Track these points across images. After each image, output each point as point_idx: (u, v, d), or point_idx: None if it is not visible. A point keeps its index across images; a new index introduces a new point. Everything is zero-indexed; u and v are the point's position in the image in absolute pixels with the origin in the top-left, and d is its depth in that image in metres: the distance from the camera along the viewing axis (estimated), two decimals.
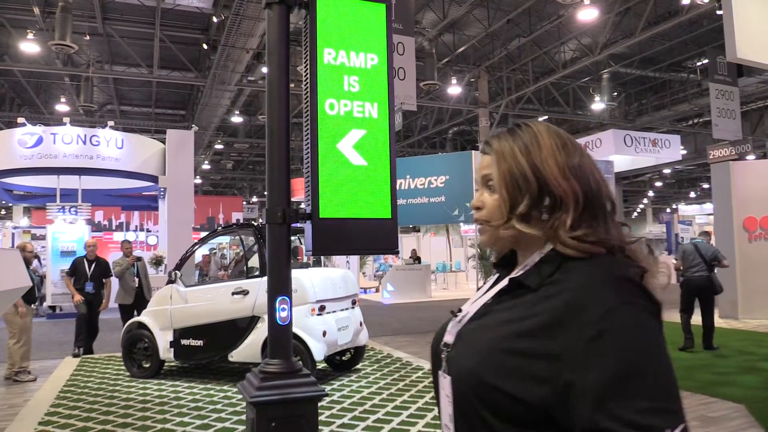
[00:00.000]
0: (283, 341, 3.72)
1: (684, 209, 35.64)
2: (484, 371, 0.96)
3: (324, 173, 3.71)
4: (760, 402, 5.62)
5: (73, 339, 8.72)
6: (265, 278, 6.29)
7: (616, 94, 22.28)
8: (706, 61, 19.29)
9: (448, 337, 1.09)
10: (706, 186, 35.97)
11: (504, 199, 1.07)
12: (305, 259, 8.19)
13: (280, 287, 3.70)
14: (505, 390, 0.93)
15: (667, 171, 29.60)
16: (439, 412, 1.13)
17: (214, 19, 16.67)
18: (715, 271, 8.33)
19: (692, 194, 38.19)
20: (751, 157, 15.90)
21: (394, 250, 4.04)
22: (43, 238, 15.51)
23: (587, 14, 15.44)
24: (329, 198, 3.71)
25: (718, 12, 13.77)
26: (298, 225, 3.98)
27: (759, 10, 11.05)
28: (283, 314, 3.70)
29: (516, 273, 1.08)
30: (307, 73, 3.81)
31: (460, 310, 1.13)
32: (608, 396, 0.85)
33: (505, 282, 1.08)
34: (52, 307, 13.92)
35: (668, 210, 41.07)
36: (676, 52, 19.86)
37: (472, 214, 1.22)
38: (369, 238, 3.86)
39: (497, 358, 0.96)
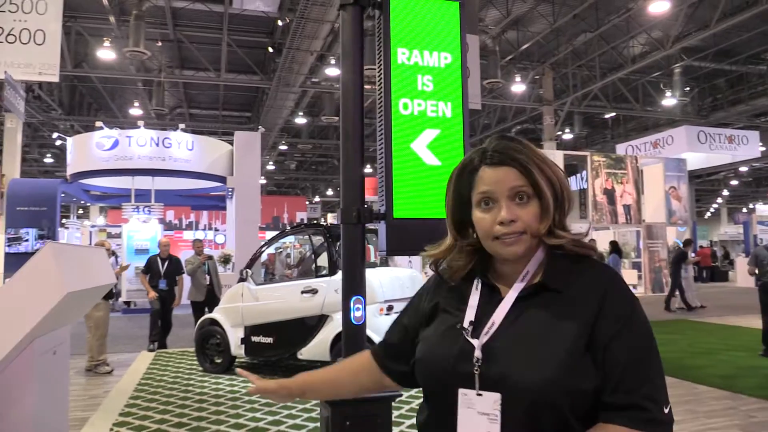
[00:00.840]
0: (358, 340, 3.73)
1: (762, 209, 33.82)
2: (563, 379, 1.01)
3: (398, 173, 3.70)
4: None
5: (147, 334, 9.07)
6: (334, 277, 6.40)
7: (688, 89, 21.37)
8: None
9: (477, 352, 1.08)
10: None
11: (546, 208, 1.12)
12: (373, 259, 8.24)
13: (355, 287, 3.72)
14: (584, 389, 1.02)
15: (743, 169, 28.15)
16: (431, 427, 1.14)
17: (279, 23, 16.99)
18: None
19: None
20: None
21: None
22: (118, 236, 16.21)
23: (658, 6, 14.88)
24: (403, 198, 3.70)
25: None
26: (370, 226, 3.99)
27: None
28: (358, 314, 3.72)
29: (525, 279, 1.13)
30: (380, 73, 3.80)
31: (463, 325, 1.13)
32: (629, 375, 1.03)
33: (516, 289, 1.12)
34: (127, 303, 14.54)
35: (744, 210, 39.12)
36: (754, 44, 18.87)
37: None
38: (442, 237, 3.82)
39: (570, 362, 1.03)
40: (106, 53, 15.65)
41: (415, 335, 1.27)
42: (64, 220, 21.50)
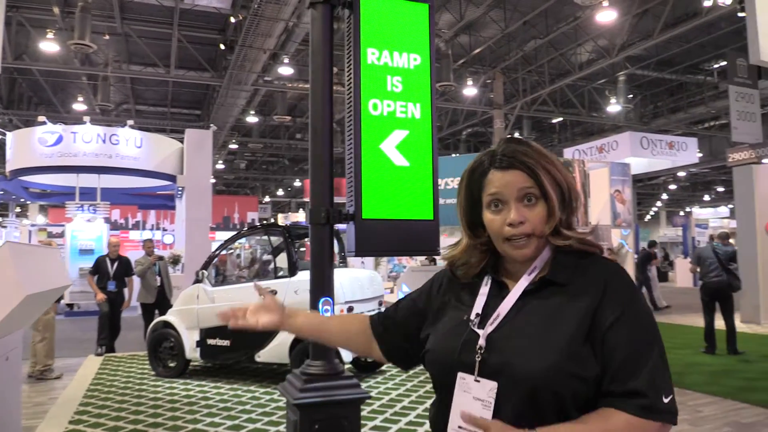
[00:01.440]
0: None
1: (698, 212, 35.40)
2: (564, 365, 1.04)
3: (367, 174, 3.68)
4: None
5: (92, 337, 8.73)
6: (294, 278, 6.32)
7: (632, 96, 22.15)
8: (723, 63, 19.18)
9: (481, 341, 1.12)
10: (720, 189, 35.73)
11: (555, 209, 1.15)
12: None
13: (323, 287, 3.68)
14: (584, 376, 1.05)
15: (681, 174, 29.40)
16: (438, 418, 1.16)
17: (232, 20, 16.68)
18: (738, 269, 8.37)
19: (706, 197, 37.93)
20: (766, 160, 15.77)
21: (435, 251, 4.01)
22: (59, 236, 15.58)
23: (606, 16, 15.35)
24: (372, 199, 3.68)
25: (740, 14, 13.66)
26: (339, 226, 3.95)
27: None
28: (327, 315, 3.68)
29: (531, 275, 1.16)
30: (350, 73, 3.78)
31: (470, 317, 1.18)
32: (631, 363, 1.05)
33: (523, 283, 1.16)
34: (70, 305, 13.98)
35: (681, 213, 40.81)
36: (693, 55, 19.72)
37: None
38: (411, 239, 3.84)
39: (570, 350, 1.06)
40: (49, 45, 15.03)
41: (420, 317, 1.33)
42: (1, 219, 20.51)
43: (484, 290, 1.21)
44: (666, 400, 1.05)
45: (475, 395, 1.08)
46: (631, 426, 1.03)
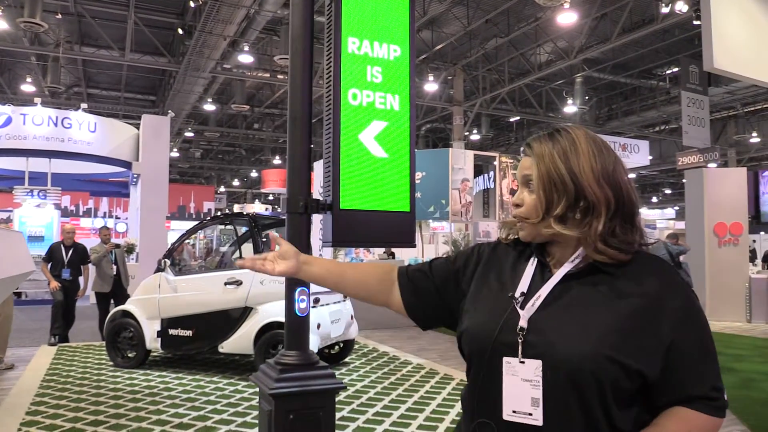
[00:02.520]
0: (301, 332, 3.69)
1: (645, 213, 36.57)
2: (605, 350, 1.04)
3: (345, 164, 3.67)
4: (740, 400, 5.81)
5: (43, 326, 8.44)
6: None
7: (588, 98, 22.70)
8: (675, 69, 19.86)
9: (522, 322, 1.12)
10: (668, 191, 37.01)
11: (540, 199, 1.15)
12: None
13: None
14: (626, 364, 1.04)
15: (632, 176, 30.22)
16: (475, 399, 1.16)
17: (192, 4, 16.30)
18: (687, 267, 8.72)
19: (654, 199, 39.22)
20: (712, 165, 16.42)
21: (411, 243, 4.04)
22: (4, 221, 14.95)
23: (567, 18, 15.66)
24: (349, 189, 3.68)
25: (695, 22, 14.13)
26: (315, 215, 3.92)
27: (736, 21, 11.39)
28: (302, 305, 3.67)
29: (575, 261, 1.15)
30: (330, 62, 3.76)
31: (515, 296, 1.18)
32: (705, 365, 1.09)
33: (566, 268, 1.16)
34: (18, 294, 13.44)
35: None
36: (647, 60, 20.33)
37: (448, 211, 1.29)
38: (387, 230, 3.85)
39: (615, 337, 1.05)
40: None
41: (453, 278, 1.33)
42: None
43: (530, 270, 1.21)
44: (726, 398, 1.11)
45: (522, 377, 1.09)
46: (709, 426, 1.08)
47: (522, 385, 1.09)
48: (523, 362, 1.09)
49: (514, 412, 1.09)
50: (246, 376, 6.30)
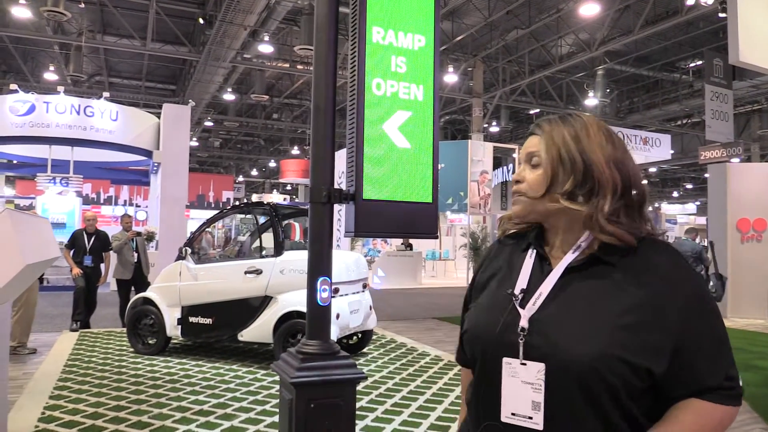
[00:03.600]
0: (323, 322, 3.68)
1: (666, 208, 36.17)
2: (614, 350, 1.00)
3: (368, 154, 3.66)
4: (762, 398, 5.73)
5: (64, 312, 8.55)
6: (279, 258, 6.27)
7: (609, 90, 22.44)
8: (699, 62, 19.54)
9: (523, 322, 1.09)
10: (689, 186, 36.53)
11: (547, 175, 1.14)
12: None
13: (322, 267, 3.65)
14: (635, 363, 1.01)
15: (652, 170, 29.95)
16: (479, 402, 1.13)
17: None
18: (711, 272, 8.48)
19: (675, 194, 38.76)
20: (735, 159, 16.18)
21: (434, 234, 4.02)
22: (27, 209, 15.16)
23: (589, 9, 15.48)
24: (373, 179, 3.66)
25: (721, 14, 13.89)
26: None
27: (763, 14, 11.18)
28: (324, 295, 3.66)
29: (576, 253, 1.13)
30: (354, 52, 3.73)
31: (514, 292, 1.15)
32: (719, 354, 1.06)
33: (566, 260, 1.12)
34: (40, 280, 13.63)
35: (650, 209, 41.65)
36: (670, 53, 20.04)
37: (466, 203, 1.26)
38: (410, 221, 3.83)
39: (622, 335, 1.02)
40: (21, 11, 14.55)
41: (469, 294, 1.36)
42: None
43: (528, 263, 1.19)
44: (741, 384, 1.08)
45: (523, 379, 1.06)
46: (725, 415, 1.06)
47: (522, 388, 1.06)
48: (524, 364, 1.07)
49: (513, 414, 1.07)
50: (265, 364, 6.34)
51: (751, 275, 11.20)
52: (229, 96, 23.20)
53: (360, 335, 7.17)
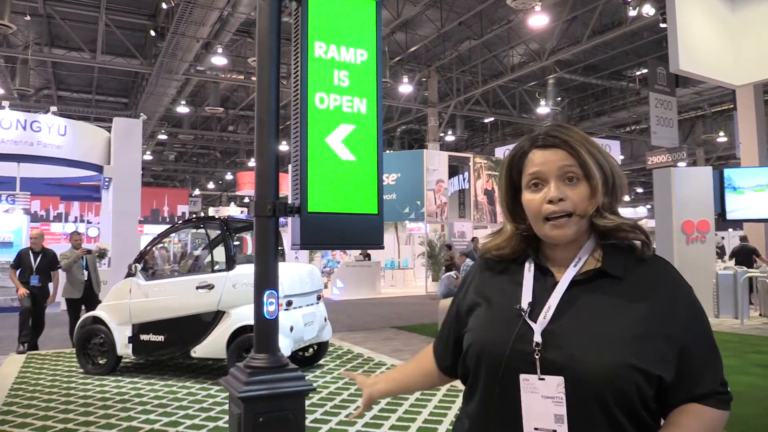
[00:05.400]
0: (270, 335, 3.69)
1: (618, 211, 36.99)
2: (628, 359, 1.03)
3: (313, 167, 3.70)
4: None
5: (12, 334, 8.28)
6: (231, 272, 6.23)
7: (560, 99, 22.99)
8: (645, 71, 20.21)
9: (537, 337, 1.07)
10: (640, 190, 37.60)
11: (595, 189, 1.11)
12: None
13: (268, 281, 3.66)
14: (648, 371, 1.03)
15: None
16: (488, 418, 1.11)
17: (164, 5, 16.17)
18: None
19: (626, 198, 39.76)
20: (681, 164, 16.76)
21: (380, 245, 4.07)
22: None
23: (538, 20, 15.86)
24: (317, 192, 3.70)
25: (662, 25, 14.44)
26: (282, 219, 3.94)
27: (701, 25, 11.66)
28: (271, 308, 3.66)
29: (577, 266, 1.13)
30: (297, 66, 3.78)
31: (522, 306, 1.12)
32: (714, 360, 1.12)
33: (570, 274, 1.12)
34: None
35: None
36: (617, 62, 20.69)
37: (423, 212, 1.30)
38: (356, 233, 3.88)
39: (634, 345, 1.04)
40: None
41: (460, 322, 1.28)
42: None
43: (529, 276, 1.16)
44: (729, 389, 1.15)
45: (543, 394, 1.05)
46: (721, 420, 1.12)
47: (543, 402, 1.05)
48: (542, 379, 1.05)
49: (536, 429, 1.06)
50: (219, 380, 6.27)
51: (697, 275, 11.60)
52: (183, 108, 22.90)
53: (315, 347, 7.15)
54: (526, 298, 1.13)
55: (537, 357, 1.06)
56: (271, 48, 3.76)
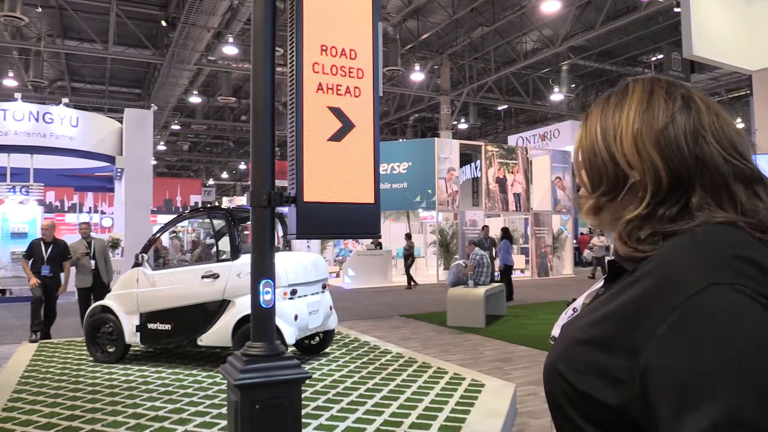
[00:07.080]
0: (267, 324, 3.72)
1: None
2: (561, 366, 0.80)
3: (309, 157, 3.70)
4: None
5: (26, 323, 8.43)
6: (236, 262, 6.28)
7: (574, 86, 22.75)
8: (660, 56, 19.91)
9: (555, 330, 0.99)
10: None
11: (585, 177, 0.92)
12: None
13: (264, 270, 3.68)
14: (578, 388, 0.76)
15: None
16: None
17: None
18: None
19: None
20: None
21: (376, 234, 4.08)
22: None
23: (550, 6, 15.69)
24: (314, 182, 3.71)
25: (676, 9, 14.19)
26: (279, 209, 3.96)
27: (715, 9, 11.45)
28: (267, 297, 3.69)
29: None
30: (293, 56, 3.78)
31: (573, 300, 1.05)
32: (685, 401, 0.64)
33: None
34: (2, 291, 13.43)
35: None
36: (632, 47, 20.40)
37: (434, 200, 1.14)
38: (352, 222, 3.89)
39: (572, 350, 0.79)
40: None
41: None
42: None
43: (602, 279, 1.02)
44: None
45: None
46: None
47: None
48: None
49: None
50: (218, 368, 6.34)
51: None
52: (195, 99, 23.01)
53: (321, 335, 7.20)
54: (581, 299, 1.02)
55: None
56: (266, 39, 3.76)
